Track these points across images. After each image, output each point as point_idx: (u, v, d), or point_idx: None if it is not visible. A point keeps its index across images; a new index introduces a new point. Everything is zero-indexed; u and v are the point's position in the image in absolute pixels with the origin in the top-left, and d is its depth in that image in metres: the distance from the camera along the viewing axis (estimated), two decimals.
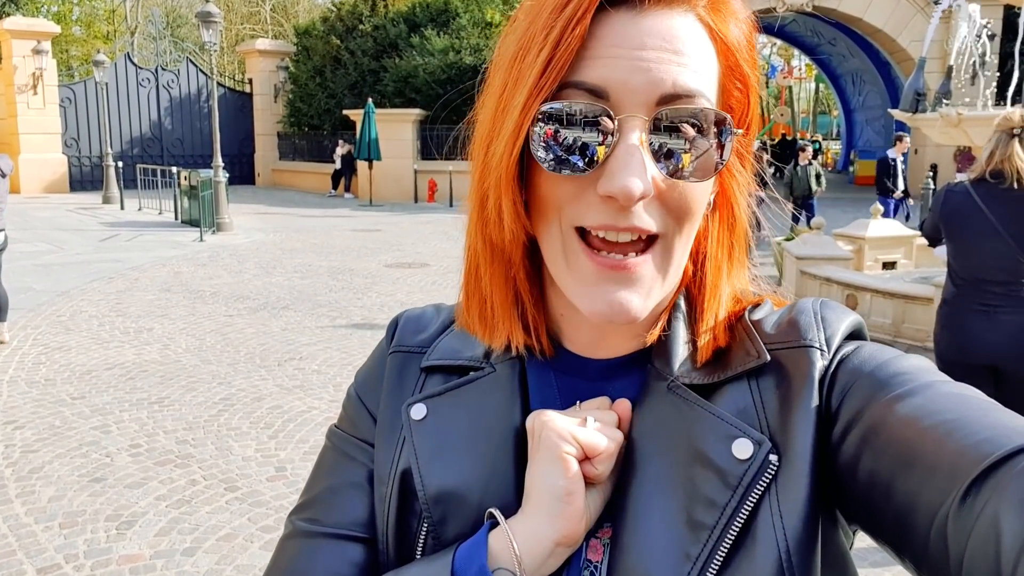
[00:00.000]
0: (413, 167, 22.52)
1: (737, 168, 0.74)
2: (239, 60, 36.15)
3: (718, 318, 0.75)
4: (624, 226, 0.66)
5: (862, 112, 30.89)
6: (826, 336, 0.71)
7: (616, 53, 0.65)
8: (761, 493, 0.65)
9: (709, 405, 0.69)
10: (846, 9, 23.40)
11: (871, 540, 0.66)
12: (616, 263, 0.67)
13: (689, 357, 0.73)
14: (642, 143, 0.64)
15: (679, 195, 0.67)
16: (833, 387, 0.68)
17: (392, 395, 0.83)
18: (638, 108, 0.65)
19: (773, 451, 0.66)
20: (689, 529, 0.65)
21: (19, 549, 3.89)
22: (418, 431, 0.78)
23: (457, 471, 0.75)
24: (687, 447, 0.68)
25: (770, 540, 0.64)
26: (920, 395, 0.63)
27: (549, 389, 0.79)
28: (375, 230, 16.34)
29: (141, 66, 27.42)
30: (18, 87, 22.88)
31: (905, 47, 22.95)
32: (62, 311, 9.02)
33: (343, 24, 25.43)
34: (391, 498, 0.78)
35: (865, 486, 0.63)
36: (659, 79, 0.64)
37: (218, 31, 16.09)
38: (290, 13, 42.17)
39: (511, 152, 0.68)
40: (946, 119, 7.82)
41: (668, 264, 0.69)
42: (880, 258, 9.24)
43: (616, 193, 0.64)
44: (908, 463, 0.59)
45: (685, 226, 0.69)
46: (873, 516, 0.63)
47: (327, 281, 10.70)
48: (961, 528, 0.54)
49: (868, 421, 0.64)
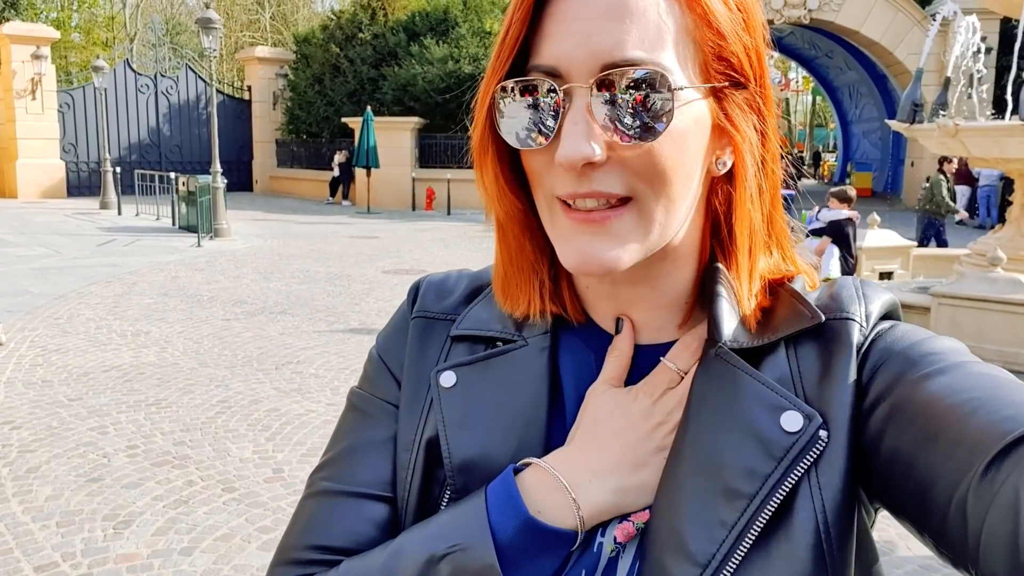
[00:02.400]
0: (411, 175, 22.55)
1: (743, 122, 0.72)
2: (238, 67, 36.21)
3: (757, 280, 0.75)
4: (583, 192, 0.67)
5: (859, 124, 31.00)
6: (866, 311, 0.71)
7: (564, 28, 0.67)
8: (806, 468, 0.65)
9: (756, 372, 0.69)
10: (843, 22, 23.51)
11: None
12: (587, 217, 0.68)
13: (737, 320, 0.73)
14: (588, 110, 0.66)
15: (641, 155, 0.67)
16: (866, 362, 0.68)
17: (417, 361, 0.83)
18: (583, 78, 0.66)
19: (823, 427, 0.66)
20: (725, 497, 0.65)
21: (16, 547, 3.87)
22: (447, 399, 0.78)
23: (484, 442, 0.76)
24: (731, 414, 0.68)
25: (808, 513, 0.64)
26: (948, 374, 0.63)
27: (586, 369, 0.79)
28: (373, 237, 16.34)
29: (140, 72, 27.43)
30: (17, 92, 22.89)
31: (902, 59, 23.06)
32: (59, 314, 9.01)
33: (342, 32, 25.49)
34: (415, 465, 0.78)
35: (888, 462, 0.63)
36: (599, 48, 0.65)
37: (218, 37, 16.12)
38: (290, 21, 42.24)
39: (479, 130, 0.72)
40: (943, 130, 7.85)
41: (648, 223, 0.69)
42: (877, 268, 9.26)
43: (561, 161, 0.66)
44: (931, 439, 0.60)
45: (660, 187, 0.68)
46: (895, 492, 0.63)
47: (324, 287, 10.70)
48: (980, 503, 0.54)
49: (895, 398, 0.64)
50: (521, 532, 0.69)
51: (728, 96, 0.70)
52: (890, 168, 26.97)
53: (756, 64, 0.72)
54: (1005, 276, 7.15)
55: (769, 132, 0.74)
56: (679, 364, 0.74)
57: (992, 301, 6.99)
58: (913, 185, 21.15)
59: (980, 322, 7.02)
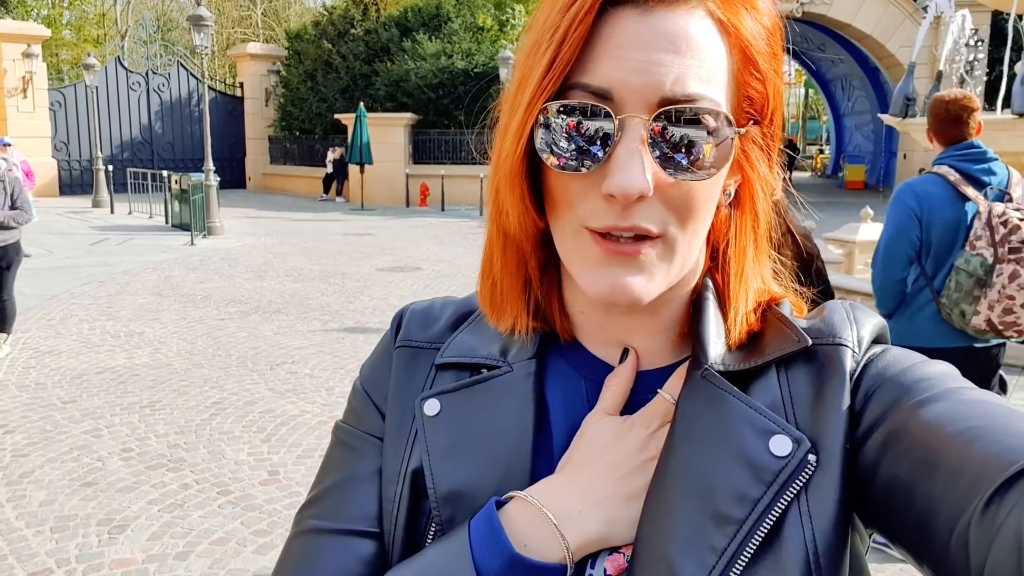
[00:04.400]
0: (405, 171, 22.51)
1: (758, 159, 0.73)
2: (230, 64, 36.07)
3: (748, 304, 0.75)
4: (625, 226, 0.66)
5: (851, 117, 31.03)
6: (858, 336, 0.71)
7: (619, 54, 0.65)
8: (796, 493, 0.64)
9: (744, 396, 0.69)
10: (835, 15, 23.52)
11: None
12: (621, 248, 0.67)
13: (724, 343, 0.73)
14: (642, 142, 0.65)
15: (681, 194, 0.67)
16: (858, 388, 0.68)
17: (401, 390, 0.82)
18: (639, 108, 0.65)
19: (812, 451, 0.65)
20: (715, 522, 0.65)
21: (10, 554, 3.86)
22: (431, 427, 0.77)
23: (469, 471, 0.75)
24: (720, 438, 0.67)
25: (798, 540, 0.64)
26: (944, 401, 0.63)
27: (576, 396, 0.78)
28: (367, 234, 16.31)
29: (131, 70, 27.30)
30: (8, 91, 22.76)
31: (894, 52, 23.09)
32: (52, 315, 8.98)
33: (335, 28, 25.40)
34: (400, 497, 0.77)
35: (885, 490, 0.62)
36: (660, 80, 0.64)
37: (209, 35, 16.06)
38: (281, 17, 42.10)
39: (516, 150, 0.69)
40: None
41: (672, 257, 0.69)
42: (870, 261, 9.27)
43: (615, 192, 0.64)
44: (930, 468, 0.59)
45: (688, 224, 0.68)
46: (893, 521, 0.63)
47: (319, 285, 10.68)
48: (984, 535, 0.54)
49: (890, 425, 0.64)
50: (507, 569, 0.68)
51: (750, 134, 0.70)
52: (883, 161, 27.00)
53: (775, 103, 0.72)
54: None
55: (771, 166, 0.74)
56: (675, 395, 0.74)
57: None
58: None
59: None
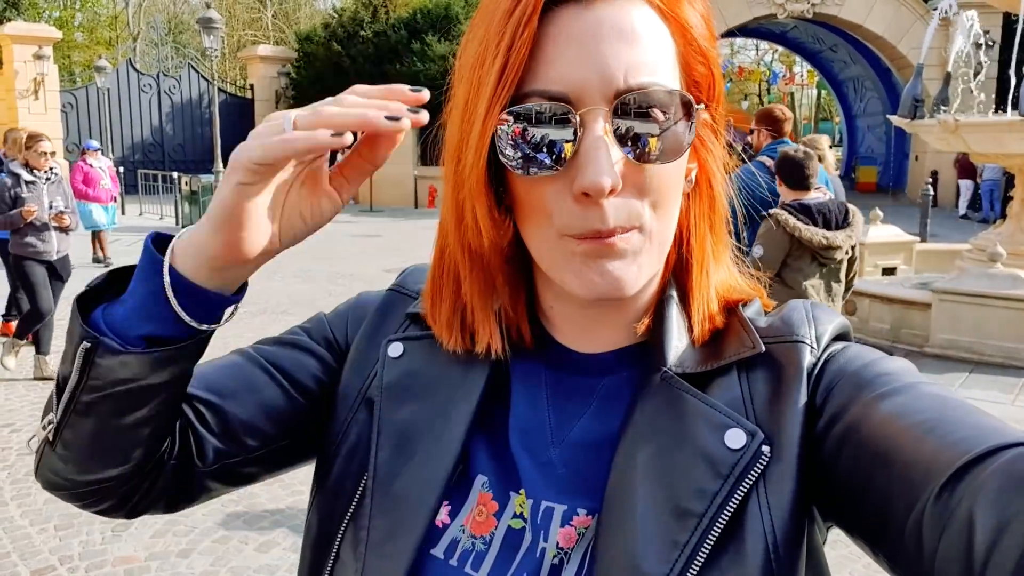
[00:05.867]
0: (413, 173, 22.55)
1: (711, 141, 0.74)
2: (240, 66, 36.23)
3: (711, 301, 0.76)
4: (608, 229, 0.66)
5: (864, 118, 30.90)
6: (816, 334, 0.72)
7: (569, 52, 0.65)
8: (751, 484, 0.66)
9: (701, 395, 0.70)
10: (847, 16, 23.44)
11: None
12: (601, 243, 0.67)
13: (686, 344, 0.74)
14: (606, 133, 0.65)
15: (650, 180, 0.67)
16: (819, 384, 0.69)
17: (374, 327, 0.87)
18: (597, 102, 0.65)
19: (766, 442, 0.67)
20: (676, 517, 0.66)
21: (14, 551, 3.89)
22: (390, 367, 0.81)
23: (414, 411, 0.78)
24: (678, 436, 0.68)
25: (758, 531, 0.65)
26: (902, 395, 0.64)
27: (535, 377, 0.80)
28: (375, 235, 16.35)
29: (143, 72, 27.48)
30: (19, 92, 22.89)
31: (905, 54, 22.98)
32: (61, 315, 9.02)
33: (344, 30, 25.49)
34: (349, 422, 0.83)
35: (843, 482, 0.64)
36: (613, 72, 0.65)
37: (219, 37, 16.16)
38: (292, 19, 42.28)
39: (479, 162, 0.69)
40: (944, 125, 7.82)
41: (652, 244, 0.70)
42: (880, 263, 9.23)
43: (587, 188, 0.64)
44: (886, 460, 0.60)
45: (661, 210, 0.69)
46: (850, 512, 0.64)
47: (326, 286, 10.70)
48: (935, 524, 0.55)
49: (849, 419, 0.65)
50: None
51: (697, 115, 0.71)
52: (894, 162, 26.88)
53: (718, 85, 0.73)
54: (1005, 272, 7.13)
55: (720, 144, 0.75)
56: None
57: (992, 297, 6.98)
58: (917, 180, 21.08)
59: (980, 318, 7.01)
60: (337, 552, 0.78)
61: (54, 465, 0.76)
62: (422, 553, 0.74)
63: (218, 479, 0.84)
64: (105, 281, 0.75)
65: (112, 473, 0.75)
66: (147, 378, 0.70)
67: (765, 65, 45.38)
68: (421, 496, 0.75)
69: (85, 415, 0.71)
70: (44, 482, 0.79)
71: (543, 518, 0.73)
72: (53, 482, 0.78)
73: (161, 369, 0.70)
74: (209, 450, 0.82)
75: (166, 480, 0.80)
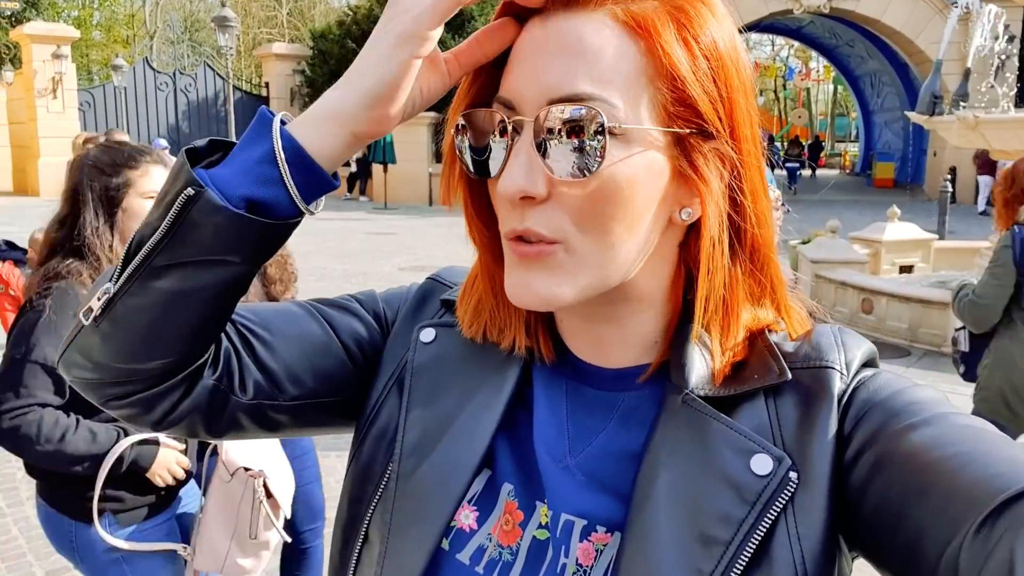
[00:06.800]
0: (428, 170, 22.57)
1: (708, 171, 0.69)
2: (256, 64, 36.39)
3: (734, 333, 0.73)
4: (520, 229, 0.68)
5: (881, 114, 30.70)
6: (846, 360, 0.71)
7: (520, 63, 0.68)
8: (779, 511, 0.64)
9: (725, 418, 0.68)
10: (864, 11, 23.26)
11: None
12: (526, 251, 0.68)
13: (707, 370, 0.72)
14: (531, 144, 0.66)
15: (577, 197, 0.67)
16: (848, 411, 0.68)
17: (412, 310, 0.89)
18: (531, 112, 0.66)
19: (793, 468, 0.65)
20: (701, 544, 0.65)
21: (29, 551, 3.92)
22: (421, 351, 0.83)
23: (441, 398, 0.80)
24: (702, 461, 0.67)
25: (787, 561, 0.64)
26: (934, 426, 0.63)
27: (557, 387, 0.80)
28: (390, 233, 16.38)
29: (159, 70, 27.63)
30: (38, 91, 23.10)
31: (923, 49, 22.77)
32: None
33: (359, 28, 25.56)
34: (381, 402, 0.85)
35: (873, 512, 0.62)
36: (548, 83, 0.65)
37: (234, 35, 16.25)
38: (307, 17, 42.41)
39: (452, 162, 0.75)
40: (963, 122, 7.74)
41: (579, 263, 0.69)
42: (897, 262, 9.16)
43: (500, 191, 0.67)
44: (920, 493, 0.59)
45: (593, 229, 0.67)
46: (879, 543, 0.63)
47: (341, 284, 10.73)
48: (974, 560, 0.54)
49: (880, 448, 0.64)
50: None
51: (694, 145, 0.68)
52: (912, 158, 26.67)
53: (725, 115, 0.68)
54: None
55: (754, 187, 0.71)
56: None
57: None
58: (935, 176, 20.90)
59: None
60: (366, 533, 0.80)
61: (90, 345, 0.73)
62: (449, 556, 0.75)
63: (249, 416, 0.82)
64: (207, 147, 0.73)
65: (150, 365, 0.73)
66: (226, 252, 0.68)
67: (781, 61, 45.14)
68: (446, 483, 0.76)
69: (150, 282, 0.69)
70: (70, 367, 0.76)
71: (563, 532, 0.73)
72: (82, 366, 0.75)
73: (243, 244, 0.69)
74: (250, 382, 0.81)
75: (199, 398, 0.78)
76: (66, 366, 0.76)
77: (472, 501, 0.77)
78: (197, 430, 0.80)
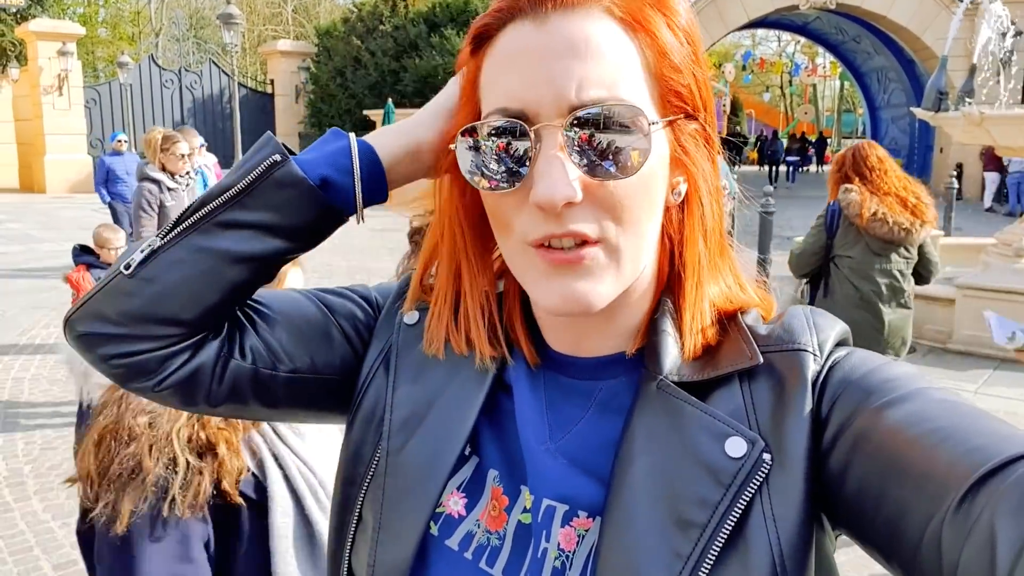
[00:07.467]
0: None
1: (698, 152, 0.73)
2: (261, 61, 36.40)
3: (704, 314, 0.75)
4: (561, 232, 0.67)
5: (887, 110, 30.56)
6: (819, 341, 0.71)
7: (523, 68, 0.67)
8: (754, 493, 0.65)
9: (699, 403, 0.69)
10: (870, 6, 23.15)
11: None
12: (564, 257, 0.68)
13: (679, 355, 0.73)
14: (561, 149, 0.66)
15: (611, 194, 0.67)
16: (824, 392, 0.68)
17: (397, 295, 0.92)
18: (552, 117, 0.66)
19: (766, 450, 0.66)
20: (679, 528, 0.66)
21: (36, 545, 3.94)
22: (405, 332, 0.86)
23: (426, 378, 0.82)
24: (678, 445, 0.68)
25: (763, 542, 0.64)
26: (911, 402, 0.63)
27: (536, 378, 0.81)
28: (395, 230, 16.36)
29: (165, 67, 27.67)
30: (43, 88, 23.12)
31: (930, 45, 22.67)
32: None
33: (364, 25, 25.54)
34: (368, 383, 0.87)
35: (854, 492, 0.63)
36: (566, 86, 0.65)
37: (239, 32, 16.25)
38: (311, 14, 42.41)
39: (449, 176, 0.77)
40: (968, 118, 7.71)
41: (618, 260, 0.70)
42: None
43: (541, 202, 0.65)
44: (900, 470, 0.60)
45: (626, 224, 0.69)
46: (862, 522, 0.63)
47: (345, 281, 10.64)
48: (955, 536, 0.54)
49: (858, 427, 0.64)
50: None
51: (682, 127, 0.71)
52: (918, 155, 26.57)
53: (705, 95, 0.72)
54: None
55: (714, 162, 0.75)
56: None
57: (1017, 292, 6.88)
58: (942, 172, 20.82)
59: (1005, 314, 6.88)
60: (360, 513, 0.82)
61: (118, 297, 0.76)
62: (437, 541, 0.76)
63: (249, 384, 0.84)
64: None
65: (172, 322, 0.77)
66: (289, 222, 0.76)
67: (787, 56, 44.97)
68: (435, 458, 0.77)
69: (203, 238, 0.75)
70: (83, 319, 0.77)
71: (544, 517, 0.74)
72: (102, 318, 0.76)
73: (306, 222, 0.77)
74: (249, 349, 0.83)
75: (203, 361, 0.80)
76: (80, 318, 0.77)
77: (461, 488, 0.79)
78: (196, 396, 0.81)
